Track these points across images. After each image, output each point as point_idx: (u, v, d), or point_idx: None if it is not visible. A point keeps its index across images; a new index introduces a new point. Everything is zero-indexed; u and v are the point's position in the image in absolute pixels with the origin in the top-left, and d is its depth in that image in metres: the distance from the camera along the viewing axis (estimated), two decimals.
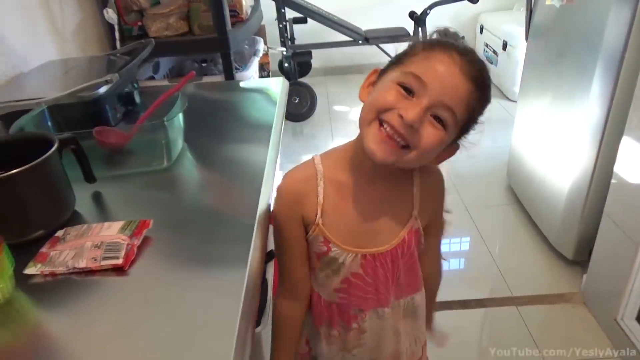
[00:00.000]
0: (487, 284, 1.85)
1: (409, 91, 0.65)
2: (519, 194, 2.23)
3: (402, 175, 0.78)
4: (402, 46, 0.73)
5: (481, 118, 0.71)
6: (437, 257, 0.93)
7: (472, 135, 0.73)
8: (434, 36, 0.71)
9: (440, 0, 3.14)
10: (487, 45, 3.71)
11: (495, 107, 3.33)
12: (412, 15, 3.23)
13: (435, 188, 0.83)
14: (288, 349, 0.87)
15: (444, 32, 0.71)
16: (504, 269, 1.88)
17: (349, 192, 0.77)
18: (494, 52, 3.55)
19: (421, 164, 0.73)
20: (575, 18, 1.71)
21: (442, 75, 0.64)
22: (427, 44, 0.69)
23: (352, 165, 0.77)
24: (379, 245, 0.77)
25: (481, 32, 3.83)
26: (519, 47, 3.07)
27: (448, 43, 0.68)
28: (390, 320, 0.83)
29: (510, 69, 3.29)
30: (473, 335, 1.64)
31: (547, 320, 1.67)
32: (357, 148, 0.74)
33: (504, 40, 3.36)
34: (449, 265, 1.94)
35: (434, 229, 0.86)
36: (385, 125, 0.66)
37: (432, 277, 0.92)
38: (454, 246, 2.07)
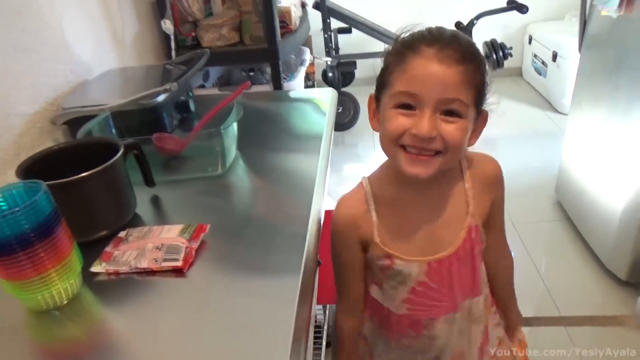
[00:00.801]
0: (532, 302, 1.79)
1: (409, 106, 0.66)
2: (568, 210, 2.16)
3: (450, 176, 0.77)
4: None
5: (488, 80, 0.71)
6: (504, 251, 0.91)
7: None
8: (397, 42, 0.70)
9: (487, 11, 3.10)
10: (535, 56, 3.62)
11: (543, 120, 3.24)
12: (458, 25, 3.20)
13: (489, 178, 0.80)
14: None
15: (406, 34, 0.70)
16: (551, 287, 1.82)
17: (401, 207, 0.78)
18: (543, 63, 3.46)
19: (458, 158, 0.75)
20: (633, 29, 1.65)
21: (426, 78, 0.64)
22: (397, 55, 0.68)
23: (397, 180, 0.77)
24: (442, 250, 0.77)
25: (530, 42, 3.75)
26: (570, 58, 2.99)
27: (413, 42, 0.67)
28: (460, 323, 0.82)
29: (559, 80, 3.20)
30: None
31: (598, 343, 1.59)
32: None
33: (553, 51, 3.27)
34: None
35: (496, 221, 0.84)
36: (408, 149, 0.68)
37: (502, 269, 0.90)
38: None
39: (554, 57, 3.26)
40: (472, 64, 0.66)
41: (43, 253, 0.58)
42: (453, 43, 0.65)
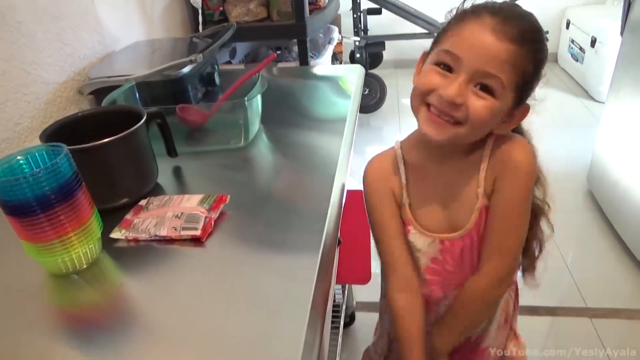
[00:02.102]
0: (558, 292, 1.74)
1: (448, 68, 0.65)
2: (600, 200, 2.08)
3: (472, 152, 0.74)
4: None
5: (543, 71, 0.68)
6: (486, 263, 0.75)
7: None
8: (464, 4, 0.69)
9: None
10: (572, 41, 3.48)
11: (577, 107, 3.12)
12: None
13: (504, 162, 0.71)
14: (418, 344, 0.78)
15: None
16: (578, 277, 1.77)
17: (424, 173, 0.77)
18: (581, 49, 3.33)
19: (480, 136, 0.71)
20: None
21: (475, 45, 0.63)
22: (459, 15, 0.67)
23: (424, 147, 0.77)
24: (456, 229, 0.75)
25: (567, 27, 3.60)
26: (609, 43, 2.86)
27: (479, 7, 0.65)
28: None
29: (597, 67, 3.07)
30: (539, 343, 1.55)
31: (625, 336, 1.55)
32: None
33: (592, 37, 3.14)
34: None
35: (493, 211, 0.72)
36: (431, 107, 0.67)
37: (471, 284, 0.77)
38: None
39: (593, 42, 3.13)
40: (528, 47, 0.63)
41: (63, 216, 0.58)
42: (516, 19, 0.63)
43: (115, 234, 0.68)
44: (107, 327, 0.56)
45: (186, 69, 1.05)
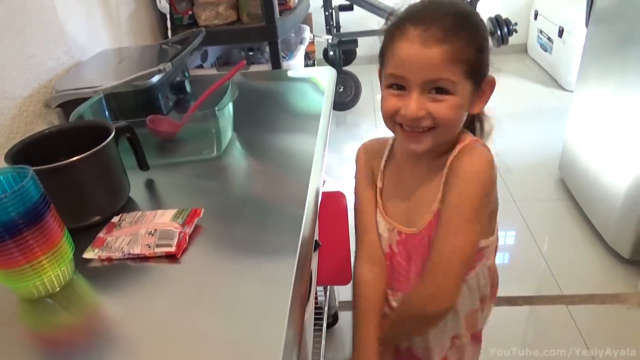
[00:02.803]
0: (534, 281, 1.79)
1: (401, 86, 0.69)
2: (571, 188, 2.14)
3: (443, 154, 0.75)
4: None
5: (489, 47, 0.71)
6: (426, 276, 0.75)
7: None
8: (389, 19, 0.72)
9: None
10: (541, 32, 3.55)
11: (547, 97, 3.19)
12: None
13: (454, 171, 0.72)
14: (375, 315, 0.81)
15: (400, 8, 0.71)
16: (553, 266, 1.81)
17: (400, 167, 0.82)
18: (549, 39, 3.39)
19: (459, 126, 0.73)
20: None
21: (411, 61, 0.66)
22: (388, 35, 0.70)
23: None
24: (412, 226, 0.78)
25: (535, 18, 3.67)
26: (576, 33, 2.92)
27: (402, 21, 0.68)
28: None
29: (566, 57, 3.14)
30: (520, 333, 1.59)
31: (600, 321, 1.60)
32: None
33: (560, 27, 3.20)
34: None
35: (440, 217, 0.73)
36: (403, 125, 0.71)
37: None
38: (499, 240, 2.01)
39: (560, 32, 3.20)
40: (458, 39, 0.65)
41: (32, 240, 0.57)
42: (437, 21, 0.65)
43: (88, 254, 0.67)
44: (84, 349, 0.55)
45: (155, 79, 1.04)
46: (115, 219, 0.72)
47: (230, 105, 0.94)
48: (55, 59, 1.15)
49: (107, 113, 0.98)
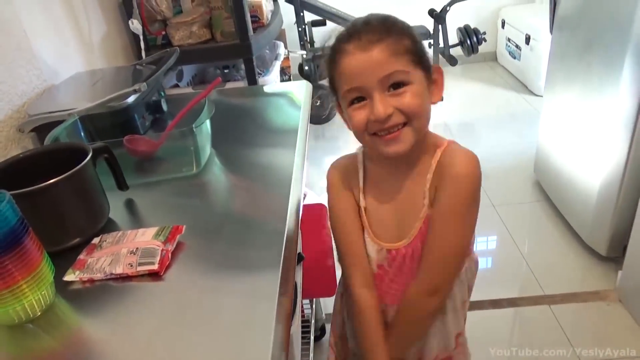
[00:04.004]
0: (517, 283, 1.81)
1: (362, 98, 0.71)
2: (547, 190, 2.19)
3: (421, 161, 0.77)
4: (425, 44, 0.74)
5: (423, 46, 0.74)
6: (421, 276, 0.78)
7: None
8: (324, 51, 0.75)
9: None
10: (509, 40, 3.65)
11: (519, 102, 3.27)
12: (431, 12, 3.20)
13: (444, 173, 0.74)
14: (381, 339, 0.81)
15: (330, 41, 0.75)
16: (534, 267, 1.84)
17: (378, 180, 0.81)
18: (517, 46, 3.49)
19: (429, 117, 0.74)
20: (603, 8, 1.67)
21: (359, 70, 0.69)
22: (330, 62, 0.73)
23: (376, 155, 0.80)
24: (402, 239, 0.78)
25: (503, 26, 3.77)
26: (543, 40, 3.02)
27: (338, 44, 0.72)
28: None
29: (534, 63, 3.23)
30: (506, 335, 1.61)
31: (582, 319, 1.63)
32: None
33: (526, 34, 3.30)
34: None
35: (431, 220, 0.75)
36: (379, 133, 0.72)
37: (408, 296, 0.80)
38: (481, 245, 2.04)
39: (527, 40, 3.30)
40: (391, 36, 0.69)
41: (11, 265, 0.56)
42: (366, 30, 0.69)
43: (69, 277, 0.66)
44: None
45: (131, 99, 1.04)
46: (95, 240, 0.72)
47: (208, 122, 0.95)
48: (27, 84, 1.14)
49: (83, 135, 0.98)
